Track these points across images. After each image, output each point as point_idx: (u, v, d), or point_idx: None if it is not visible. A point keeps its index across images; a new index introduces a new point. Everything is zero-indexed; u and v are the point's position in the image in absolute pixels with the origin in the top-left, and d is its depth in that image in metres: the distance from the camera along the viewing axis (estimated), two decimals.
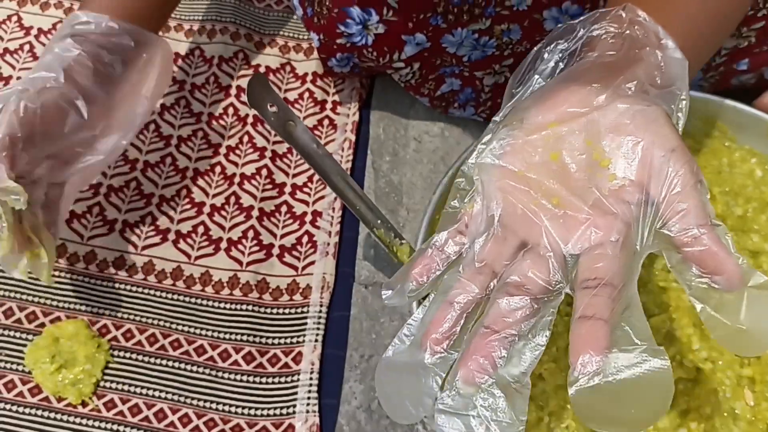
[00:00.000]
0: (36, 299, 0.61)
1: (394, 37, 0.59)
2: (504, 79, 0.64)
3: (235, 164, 0.68)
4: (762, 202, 0.57)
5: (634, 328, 0.32)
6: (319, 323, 0.60)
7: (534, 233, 0.35)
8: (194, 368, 0.58)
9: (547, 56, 0.40)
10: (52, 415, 0.56)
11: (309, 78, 0.73)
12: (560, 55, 0.40)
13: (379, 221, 0.50)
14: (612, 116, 0.36)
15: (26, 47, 0.74)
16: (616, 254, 0.33)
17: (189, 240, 0.64)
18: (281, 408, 0.57)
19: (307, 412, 0.57)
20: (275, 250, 0.64)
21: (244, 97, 0.71)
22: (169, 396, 0.57)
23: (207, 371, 0.58)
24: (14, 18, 0.76)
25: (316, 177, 0.68)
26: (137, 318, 0.60)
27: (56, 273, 0.62)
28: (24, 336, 0.59)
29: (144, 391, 0.57)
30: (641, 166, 0.35)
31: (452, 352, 0.34)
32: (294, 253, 0.64)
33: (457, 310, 0.34)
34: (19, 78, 0.73)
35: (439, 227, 0.39)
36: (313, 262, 0.63)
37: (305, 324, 0.61)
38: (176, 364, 0.58)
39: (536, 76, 0.40)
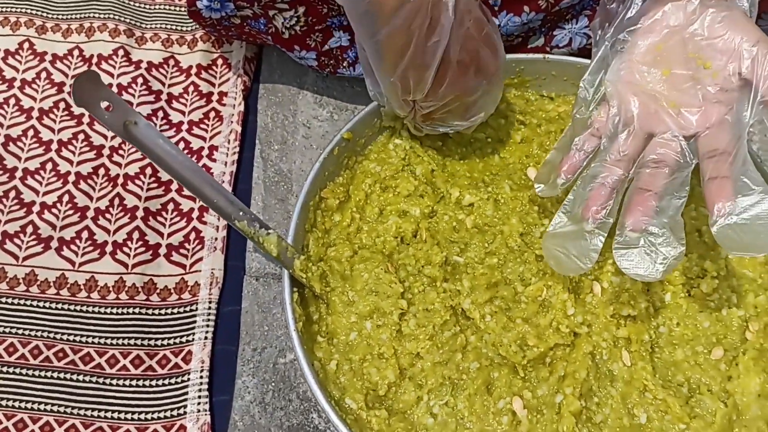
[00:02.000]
0: None
1: None
2: None
3: (119, 165, 0.66)
4: None
5: (750, 179, 0.43)
6: (208, 320, 0.59)
7: (662, 126, 0.46)
8: (80, 377, 0.57)
9: None
10: None
11: (194, 71, 0.72)
12: None
13: (240, 213, 0.49)
14: (704, 25, 0.46)
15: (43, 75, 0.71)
16: (726, 129, 0.44)
17: (73, 246, 0.62)
18: (172, 409, 0.56)
19: (198, 411, 0.56)
20: (162, 250, 0.62)
21: (125, 96, 0.69)
22: (55, 408, 0.56)
23: (94, 379, 0.57)
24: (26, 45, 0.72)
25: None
26: (20, 331, 0.58)
27: None
28: None
29: (29, 405, 0.56)
30: (736, 59, 0.44)
31: (609, 218, 0.46)
32: (182, 251, 0.63)
33: (608, 187, 0.47)
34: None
35: (574, 132, 0.50)
36: (201, 259, 0.62)
37: (194, 322, 0.59)
38: (62, 375, 0.57)
39: None
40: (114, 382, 0.57)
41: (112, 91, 0.42)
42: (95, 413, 0.56)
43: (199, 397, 0.56)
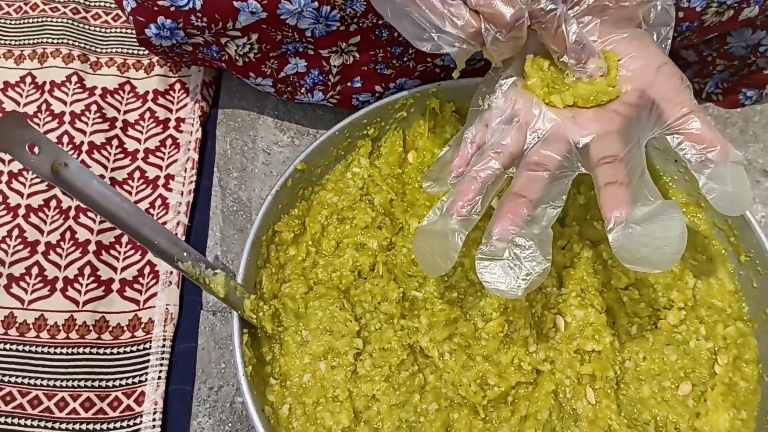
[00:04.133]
0: None
1: (225, 2, 0.53)
2: (352, 60, 0.59)
3: (71, 196, 0.63)
4: None
5: (649, 190, 0.41)
6: (162, 359, 0.57)
7: (550, 126, 0.42)
8: (29, 422, 0.55)
9: None
10: None
11: (150, 96, 0.69)
12: None
13: (184, 253, 0.46)
14: (613, 40, 0.43)
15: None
16: (621, 138, 0.41)
17: (22, 283, 0.60)
18: None
19: None
20: (115, 285, 0.60)
21: (78, 124, 0.67)
22: None
23: (43, 424, 0.54)
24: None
25: (159, 202, 0.64)
26: None
27: None
28: None
29: None
30: (641, 76, 0.42)
31: (474, 216, 0.42)
32: (135, 286, 0.60)
33: (479, 182, 0.42)
34: None
35: (467, 123, 0.46)
36: (155, 294, 0.60)
37: (148, 361, 0.57)
38: (9, 420, 0.55)
39: None
40: (63, 426, 0.54)
41: (40, 132, 0.40)
42: None
43: None
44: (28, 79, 0.70)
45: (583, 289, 0.51)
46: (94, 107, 0.68)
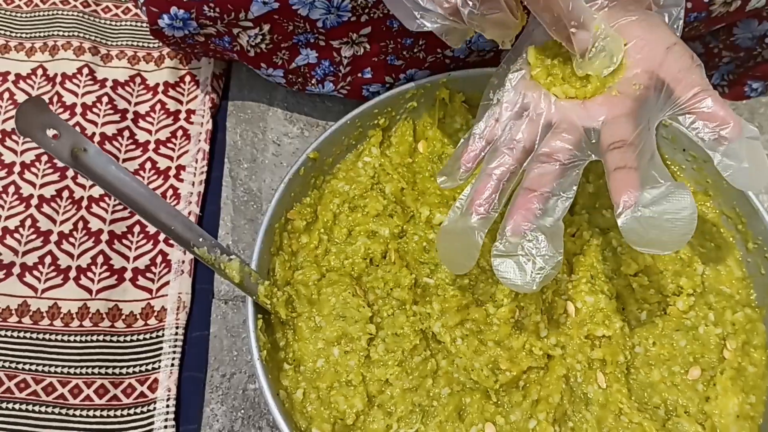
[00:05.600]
0: None
1: None
2: (363, 51, 0.60)
3: (83, 187, 0.64)
4: None
5: (659, 172, 0.41)
6: (175, 346, 0.58)
7: (561, 116, 0.43)
8: (43, 408, 0.55)
9: None
10: None
11: (161, 88, 0.70)
12: None
13: (200, 239, 0.47)
14: (622, 24, 0.43)
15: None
16: (631, 121, 0.42)
17: (36, 272, 0.60)
18: None
19: None
20: (128, 274, 0.61)
21: (90, 116, 0.67)
22: None
23: (57, 410, 0.55)
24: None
25: (170, 192, 0.65)
26: None
27: None
28: None
29: None
30: (650, 57, 0.42)
31: (492, 213, 0.43)
32: (148, 274, 0.61)
33: (494, 179, 0.44)
34: None
35: (477, 117, 0.47)
36: (168, 283, 0.60)
37: (161, 349, 0.58)
38: (23, 407, 0.55)
39: None
40: (77, 413, 0.55)
41: (60, 118, 0.40)
42: None
43: (165, 427, 0.54)
44: (40, 71, 0.70)
45: (593, 276, 0.51)
46: (105, 99, 0.68)
